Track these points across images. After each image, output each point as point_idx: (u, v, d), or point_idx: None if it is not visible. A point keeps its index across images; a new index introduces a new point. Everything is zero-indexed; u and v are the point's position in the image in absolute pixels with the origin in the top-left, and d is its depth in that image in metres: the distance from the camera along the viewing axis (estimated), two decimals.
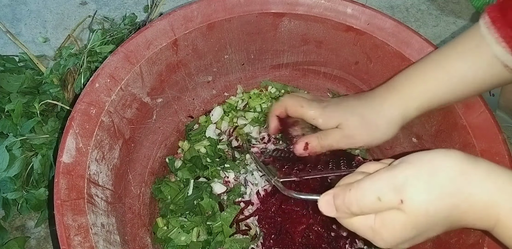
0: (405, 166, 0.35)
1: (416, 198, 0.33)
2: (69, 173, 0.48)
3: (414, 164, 0.34)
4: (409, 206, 0.33)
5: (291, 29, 0.63)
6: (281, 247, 0.60)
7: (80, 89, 0.81)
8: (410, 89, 0.50)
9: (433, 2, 1.07)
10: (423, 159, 0.34)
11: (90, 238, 0.46)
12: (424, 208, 0.33)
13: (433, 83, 0.49)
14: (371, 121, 0.51)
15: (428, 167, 0.34)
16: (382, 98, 0.51)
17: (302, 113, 0.54)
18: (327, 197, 0.38)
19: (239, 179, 0.67)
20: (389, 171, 0.35)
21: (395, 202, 0.33)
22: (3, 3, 1.05)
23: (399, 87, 0.51)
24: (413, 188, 0.33)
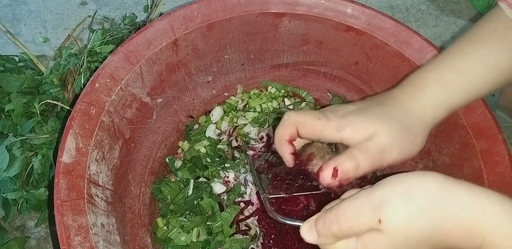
0: (382, 186, 0.34)
1: (393, 216, 0.32)
2: (69, 173, 0.48)
3: (390, 184, 0.34)
4: (387, 225, 0.32)
5: (291, 29, 0.63)
6: (281, 247, 0.60)
7: (80, 89, 0.81)
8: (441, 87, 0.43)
9: (433, 2, 1.07)
10: (401, 180, 0.34)
11: (90, 238, 0.46)
12: (402, 228, 0.32)
13: (465, 78, 0.43)
14: (409, 126, 0.42)
15: (405, 187, 0.33)
16: (411, 99, 0.43)
17: (322, 127, 0.41)
18: (309, 223, 0.37)
19: (239, 179, 0.67)
20: (367, 191, 0.34)
21: (373, 221, 0.33)
22: (3, 3, 1.05)
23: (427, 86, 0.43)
24: (390, 207, 0.32)
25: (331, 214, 0.35)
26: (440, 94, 0.43)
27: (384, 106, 0.43)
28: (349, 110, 0.43)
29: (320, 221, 0.36)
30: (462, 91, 0.43)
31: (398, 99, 0.44)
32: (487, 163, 0.52)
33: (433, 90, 0.43)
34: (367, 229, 0.33)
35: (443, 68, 0.44)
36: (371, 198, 0.33)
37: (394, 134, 0.41)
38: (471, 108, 0.54)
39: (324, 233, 0.35)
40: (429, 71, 0.45)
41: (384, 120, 0.41)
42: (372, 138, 0.40)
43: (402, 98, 0.44)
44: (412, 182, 0.33)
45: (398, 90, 0.45)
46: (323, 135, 0.42)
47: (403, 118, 0.42)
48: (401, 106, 0.43)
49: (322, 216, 0.36)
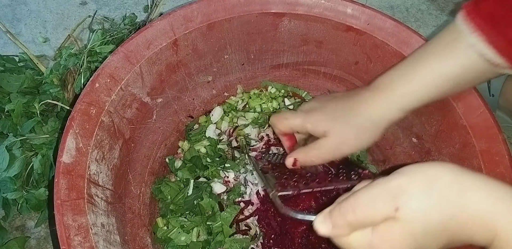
0: (399, 176, 0.34)
1: (411, 205, 0.32)
2: (69, 173, 0.48)
3: (408, 174, 0.34)
4: (404, 214, 0.32)
5: (291, 29, 0.63)
6: (281, 247, 0.60)
7: (80, 89, 0.81)
8: (393, 91, 0.49)
9: (433, 2, 1.07)
10: (418, 170, 0.34)
11: (90, 238, 0.46)
12: (420, 216, 0.32)
13: (416, 83, 0.48)
14: (358, 126, 0.50)
15: (423, 177, 0.33)
16: (367, 101, 0.50)
17: (290, 124, 0.54)
18: (323, 214, 0.37)
19: (239, 179, 0.67)
20: (383, 180, 0.34)
21: (390, 209, 0.33)
22: (3, 3, 1.05)
23: (382, 89, 0.50)
24: (408, 196, 0.32)
25: (347, 203, 0.35)
26: (393, 99, 0.49)
27: (342, 107, 0.52)
28: (314, 106, 0.54)
29: (335, 211, 0.36)
30: (413, 95, 0.48)
31: (355, 102, 0.51)
32: (487, 163, 0.52)
33: (387, 95, 0.49)
34: (383, 218, 0.33)
35: (398, 76, 0.50)
36: (388, 186, 0.34)
37: (342, 132, 0.50)
38: (471, 108, 0.54)
39: (339, 223, 0.35)
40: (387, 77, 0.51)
41: (337, 122, 0.50)
42: (326, 135, 0.50)
43: (361, 103, 0.51)
44: (430, 172, 0.33)
45: (361, 91, 0.52)
46: (294, 129, 0.55)
47: (355, 121, 0.50)
48: (357, 109, 0.51)
49: (336, 207, 0.36)
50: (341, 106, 0.52)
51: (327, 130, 0.50)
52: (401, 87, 0.49)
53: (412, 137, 0.66)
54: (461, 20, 0.45)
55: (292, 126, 0.54)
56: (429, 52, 0.48)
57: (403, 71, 0.50)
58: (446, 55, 0.47)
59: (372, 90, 0.51)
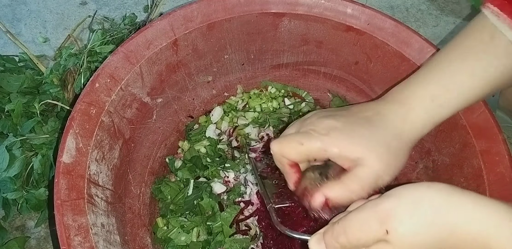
0: (388, 197, 0.34)
1: (400, 228, 0.32)
2: (69, 173, 0.48)
3: (397, 195, 0.34)
4: (394, 237, 0.32)
5: (291, 29, 0.63)
6: (281, 247, 0.60)
7: (80, 89, 0.81)
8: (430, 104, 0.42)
9: (433, 2, 1.07)
10: (407, 191, 0.34)
11: (90, 238, 0.46)
12: (409, 239, 0.32)
13: (456, 91, 0.42)
14: (396, 148, 0.41)
15: (411, 198, 0.33)
16: (399, 119, 0.42)
17: (308, 151, 0.41)
18: (317, 236, 0.37)
19: (239, 179, 0.67)
20: (373, 202, 0.35)
21: (381, 232, 0.33)
22: (3, 3, 1.05)
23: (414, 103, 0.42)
24: (396, 219, 0.32)
25: (339, 225, 0.35)
26: (429, 112, 0.42)
27: (370, 125, 0.42)
28: (333, 126, 0.42)
29: (328, 233, 0.36)
30: (451, 105, 0.42)
31: (385, 118, 0.42)
32: (487, 163, 0.52)
33: (422, 108, 0.42)
34: (374, 240, 0.34)
35: (431, 83, 0.43)
36: (378, 209, 0.34)
37: (384, 159, 0.40)
38: (471, 108, 0.54)
39: (332, 245, 0.36)
40: (416, 86, 0.43)
41: (371, 144, 0.40)
42: (362, 164, 0.40)
43: (389, 117, 0.42)
44: (418, 193, 0.33)
45: (385, 106, 0.44)
46: (311, 157, 0.42)
47: (390, 141, 0.41)
48: (388, 127, 0.42)
49: (330, 228, 0.36)
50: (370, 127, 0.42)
51: (361, 157, 0.40)
52: (437, 99, 0.42)
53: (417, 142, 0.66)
54: (494, 15, 0.42)
55: (310, 152, 0.41)
56: (463, 54, 0.43)
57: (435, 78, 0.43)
58: (485, 56, 0.42)
59: (401, 105, 0.43)
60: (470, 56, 0.42)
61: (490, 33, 0.42)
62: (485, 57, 0.42)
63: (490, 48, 0.42)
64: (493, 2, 0.42)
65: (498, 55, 0.42)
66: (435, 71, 0.43)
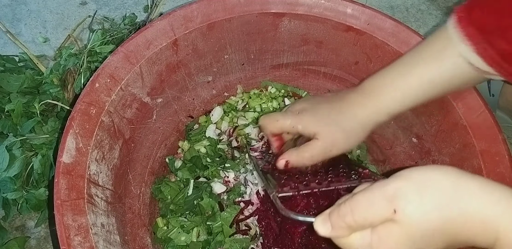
0: (397, 179, 0.34)
1: (408, 208, 0.32)
2: (69, 173, 0.48)
3: (405, 177, 0.34)
4: (402, 216, 0.32)
5: (291, 29, 0.63)
6: (281, 247, 0.60)
7: (80, 89, 0.81)
8: (382, 96, 0.51)
9: (433, 2, 1.07)
10: (415, 173, 0.34)
11: (90, 238, 0.46)
12: (417, 219, 0.32)
13: (403, 89, 0.50)
14: (347, 129, 0.52)
15: (420, 180, 0.33)
16: (356, 105, 0.52)
17: (281, 126, 0.55)
18: (323, 216, 0.37)
19: (239, 179, 0.67)
20: (381, 183, 0.35)
21: (388, 211, 0.33)
22: (3, 3, 1.05)
23: (371, 93, 0.52)
24: (405, 198, 0.33)
25: (345, 205, 0.35)
26: (382, 103, 0.51)
27: (332, 108, 0.53)
28: (304, 107, 0.55)
29: (334, 213, 0.36)
30: (401, 100, 0.50)
31: (346, 103, 0.53)
32: (487, 163, 0.52)
33: (376, 100, 0.51)
34: (381, 220, 0.34)
35: (387, 81, 0.51)
36: (385, 189, 0.34)
37: (334, 136, 0.51)
38: (471, 108, 0.54)
39: (338, 225, 0.35)
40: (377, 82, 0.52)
41: (327, 125, 0.52)
42: (316, 137, 0.52)
43: (350, 103, 0.53)
44: (427, 175, 0.34)
45: (351, 94, 0.54)
46: (285, 130, 0.56)
47: (344, 122, 0.52)
48: (346, 111, 0.52)
49: (336, 208, 0.36)
50: (331, 109, 0.53)
51: (317, 132, 0.52)
52: (389, 93, 0.51)
53: (412, 137, 0.66)
54: (452, 26, 0.46)
55: (283, 127, 0.55)
56: (418, 58, 0.50)
57: (392, 76, 0.51)
58: (435, 62, 0.48)
59: (361, 94, 0.53)
60: (422, 62, 0.49)
61: (444, 43, 0.47)
62: (433, 64, 0.48)
63: (440, 57, 0.47)
64: (457, 13, 0.46)
65: (446, 64, 0.47)
66: (393, 71, 0.51)
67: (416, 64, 0.49)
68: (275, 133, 0.58)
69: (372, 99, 0.51)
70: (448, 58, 0.47)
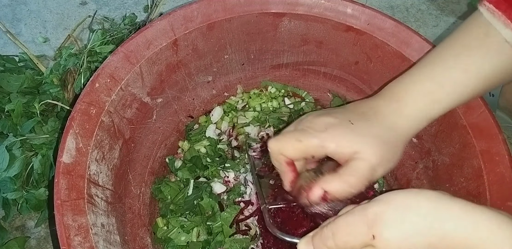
0: (377, 203, 0.34)
1: (387, 234, 0.32)
2: (69, 173, 0.48)
3: (385, 201, 0.34)
4: (380, 242, 0.32)
5: (291, 29, 0.63)
6: (281, 247, 0.60)
7: (80, 89, 0.81)
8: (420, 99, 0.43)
9: (433, 2, 1.07)
10: (395, 197, 0.34)
11: (90, 238, 0.46)
12: (396, 245, 0.32)
13: (447, 87, 0.42)
14: (391, 143, 0.42)
15: (400, 204, 0.33)
16: (391, 113, 0.43)
17: (306, 148, 0.42)
18: (306, 239, 0.37)
19: (239, 179, 0.67)
20: (362, 207, 0.35)
21: (368, 237, 0.33)
22: (3, 3, 1.05)
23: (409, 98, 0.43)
24: (383, 224, 0.32)
25: (327, 228, 0.35)
26: (423, 107, 0.43)
27: (366, 121, 0.43)
28: (330, 122, 0.43)
29: (316, 236, 0.36)
30: (445, 101, 0.43)
31: (381, 113, 0.44)
32: (487, 163, 0.52)
33: (416, 103, 0.43)
34: (362, 245, 0.34)
35: (425, 79, 0.44)
36: (365, 214, 0.34)
37: (379, 153, 0.41)
38: (471, 108, 0.54)
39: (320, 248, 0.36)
40: (411, 82, 0.44)
41: (367, 139, 0.41)
42: (358, 157, 0.41)
43: (384, 112, 0.44)
44: (406, 199, 0.33)
45: (380, 102, 0.45)
46: (309, 153, 0.43)
47: (385, 135, 0.42)
48: (383, 122, 0.43)
49: (318, 232, 0.36)
50: (365, 121, 0.43)
51: (358, 150, 0.41)
52: (431, 94, 0.43)
53: (412, 137, 0.66)
54: (489, 12, 0.42)
55: (308, 148, 0.42)
56: (457, 51, 0.43)
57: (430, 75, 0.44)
58: (478, 52, 0.42)
59: (394, 100, 0.44)
60: (464, 53, 0.43)
61: (484, 30, 0.42)
62: (478, 54, 0.42)
63: (484, 45, 0.42)
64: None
65: (492, 52, 0.42)
66: (430, 68, 0.44)
67: (458, 57, 0.43)
68: (293, 159, 0.44)
69: (411, 105, 0.43)
70: (492, 46, 0.42)
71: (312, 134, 0.42)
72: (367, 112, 0.44)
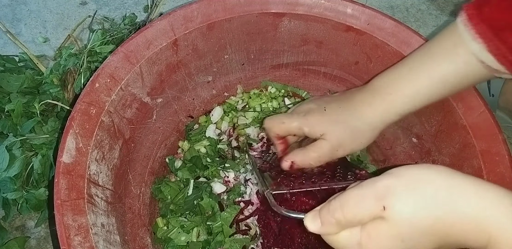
0: (388, 176, 0.34)
1: (398, 206, 0.32)
2: (69, 173, 0.48)
3: (396, 174, 0.34)
4: (391, 214, 0.32)
5: (291, 29, 0.63)
6: (280, 247, 0.60)
7: (80, 89, 0.81)
8: (391, 95, 0.50)
9: (433, 2, 1.07)
10: (406, 171, 0.34)
11: (90, 238, 0.46)
12: (407, 217, 0.32)
13: (413, 89, 0.49)
14: (355, 129, 0.51)
15: (411, 178, 0.33)
16: (364, 104, 0.51)
17: (287, 128, 0.54)
18: (313, 213, 0.37)
19: (239, 179, 0.67)
20: (372, 180, 0.35)
21: (378, 208, 0.33)
22: (3, 3, 1.05)
23: (379, 93, 0.51)
24: (394, 196, 0.32)
25: (335, 201, 0.35)
26: (391, 104, 0.50)
27: (338, 108, 0.53)
28: (310, 108, 0.54)
29: (324, 209, 0.36)
30: (410, 101, 0.49)
31: (354, 103, 0.52)
32: (487, 163, 0.52)
33: (385, 100, 0.50)
34: (371, 217, 0.33)
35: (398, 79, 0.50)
36: (376, 186, 0.34)
37: (341, 136, 0.51)
38: (471, 108, 0.54)
39: (328, 221, 0.35)
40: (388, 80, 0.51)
41: (334, 124, 0.51)
42: (324, 138, 0.51)
43: (358, 105, 0.52)
44: (419, 173, 0.33)
45: (358, 93, 0.53)
46: (291, 132, 0.55)
47: (351, 122, 0.51)
48: (354, 110, 0.52)
49: (326, 205, 0.36)
50: (338, 109, 0.53)
51: (324, 133, 0.51)
52: (398, 92, 0.49)
53: (412, 137, 0.66)
54: (463, 24, 0.45)
55: (289, 129, 0.54)
56: (428, 57, 0.49)
57: (402, 75, 0.50)
58: (445, 61, 0.47)
59: (369, 93, 0.52)
60: (433, 59, 0.48)
61: (454, 41, 0.46)
62: (445, 63, 0.47)
63: (452, 55, 0.46)
64: (467, 10, 0.45)
65: (458, 63, 0.46)
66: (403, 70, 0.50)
67: (426, 62, 0.48)
68: (280, 135, 0.57)
69: (380, 98, 0.50)
70: (459, 57, 0.46)
71: (294, 118, 0.54)
72: (343, 100, 0.54)
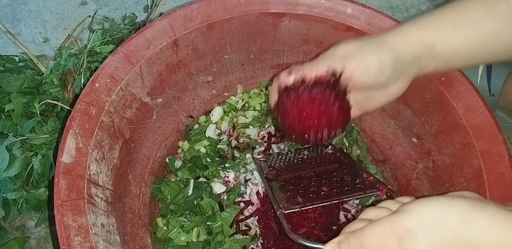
0: (406, 216, 0.34)
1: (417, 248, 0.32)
2: (69, 173, 0.48)
3: (414, 213, 0.34)
4: None
5: (291, 29, 0.63)
6: (281, 247, 0.60)
7: (80, 89, 0.81)
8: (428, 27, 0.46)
9: (433, 2, 1.07)
10: (425, 208, 0.34)
11: (90, 238, 0.46)
12: None
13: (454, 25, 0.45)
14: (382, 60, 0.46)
15: (429, 217, 0.33)
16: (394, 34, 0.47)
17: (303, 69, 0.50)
18: (332, 245, 0.37)
19: (239, 179, 0.67)
20: (391, 219, 0.34)
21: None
22: (3, 3, 1.05)
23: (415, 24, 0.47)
24: (414, 239, 0.32)
25: (355, 238, 0.35)
26: (427, 34, 0.46)
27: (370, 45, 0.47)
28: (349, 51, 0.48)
29: (343, 245, 0.36)
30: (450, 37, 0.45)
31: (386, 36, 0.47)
32: (487, 163, 0.52)
33: (423, 30, 0.46)
34: None
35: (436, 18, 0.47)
36: (396, 226, 0.33)
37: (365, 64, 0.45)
38: (471, 108, 0.54)
39: None
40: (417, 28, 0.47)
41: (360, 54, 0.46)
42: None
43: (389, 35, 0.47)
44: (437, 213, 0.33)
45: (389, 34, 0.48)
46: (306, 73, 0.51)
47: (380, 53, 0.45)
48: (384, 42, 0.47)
49: (345, 240, 0.36)
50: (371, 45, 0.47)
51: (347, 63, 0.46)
52: (437, 25, 0.46)
53: (412, 137, 0.66)
54: None
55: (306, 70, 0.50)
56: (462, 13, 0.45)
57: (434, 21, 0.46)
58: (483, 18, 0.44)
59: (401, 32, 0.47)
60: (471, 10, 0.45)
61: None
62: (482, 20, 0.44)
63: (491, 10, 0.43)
64: None
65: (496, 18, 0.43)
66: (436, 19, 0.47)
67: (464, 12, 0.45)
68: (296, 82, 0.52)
69: (415, 28, 0.46)
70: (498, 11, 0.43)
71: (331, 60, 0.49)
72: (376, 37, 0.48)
